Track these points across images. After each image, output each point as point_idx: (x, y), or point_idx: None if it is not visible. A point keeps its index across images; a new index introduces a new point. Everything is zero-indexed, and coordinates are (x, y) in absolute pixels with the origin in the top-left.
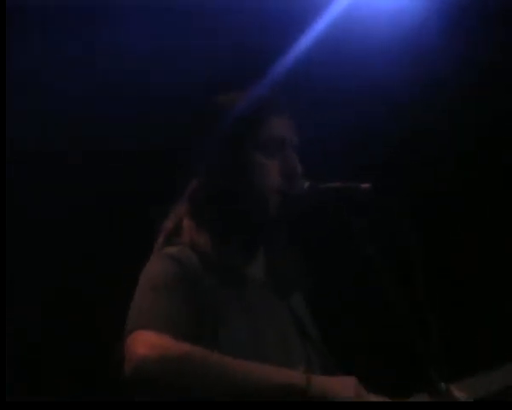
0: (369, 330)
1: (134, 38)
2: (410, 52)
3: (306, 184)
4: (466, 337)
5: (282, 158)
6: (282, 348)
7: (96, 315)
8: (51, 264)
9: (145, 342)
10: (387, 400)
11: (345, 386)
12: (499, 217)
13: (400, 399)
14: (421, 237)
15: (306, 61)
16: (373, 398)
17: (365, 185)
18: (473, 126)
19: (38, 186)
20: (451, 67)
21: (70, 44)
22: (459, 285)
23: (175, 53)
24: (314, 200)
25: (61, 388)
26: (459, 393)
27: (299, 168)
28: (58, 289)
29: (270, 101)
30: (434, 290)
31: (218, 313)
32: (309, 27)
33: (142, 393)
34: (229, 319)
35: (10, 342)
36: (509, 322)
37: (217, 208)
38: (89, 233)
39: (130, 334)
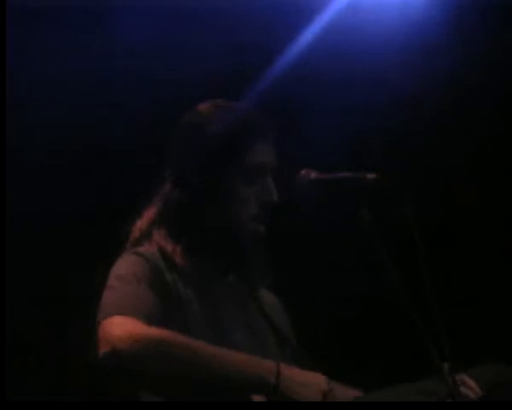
0: (373, 321)
1: (132, 37)
2: (414, 43)
3: (313, 175)
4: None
5: (262, 186)
6: (252, 348)
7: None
8: (51, 263)
9: (120, 326)
10: (362, 393)
11: (313, 385)
12: (505, 211)
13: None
14: (425, 228)
15: (310, 53)
16: (348, 391)
17: (371, 175)
18: (476, 119)
19: (38, 186)
20: (456, 58)
21: (70, 43)
22: (463, 276)
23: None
24: (320, 190)
25: (60, 388)
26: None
27: (276, 197)
28: (58, 288)
29: (256, 126)
30: (439, 281)
31: (183, 314)
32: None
33: (115, 377)
34: (193, 317)
35: (10, 342)
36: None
37: (190, 222)
38: (87, 234)
39: (104, 320)
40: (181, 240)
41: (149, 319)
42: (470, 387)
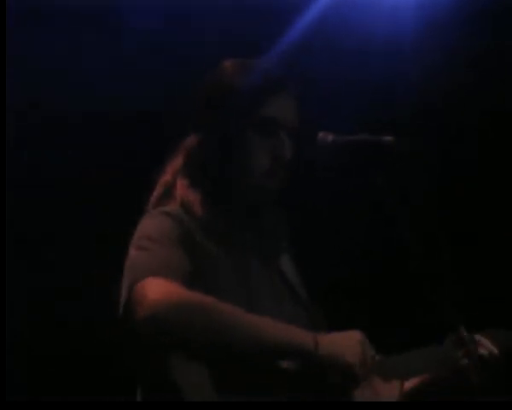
0: (389, 289)
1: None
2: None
3: (330, 137)
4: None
5: (275, 141)
6: (275, 308)
7: (97, 314)
8: (50, 263)
9: (157, 288)
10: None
11: (351, 343)
12: None
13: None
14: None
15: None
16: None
17: (388, 138)
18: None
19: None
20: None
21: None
22: (478, 240)
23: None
24: (337, 153)
25: (61, 388)
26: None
27: (289, 155)
28: (58, 288)
29: (274, 80)
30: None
31: (210, 271)
32: None
33: (153, 341)
34: (222, 278)
35: (10, 343)
36: None
37: (209, 174)
38: (87, 233)
39: (139, 282)
40: (202, 191)
41: (185, 281)
42: (486, 347)
